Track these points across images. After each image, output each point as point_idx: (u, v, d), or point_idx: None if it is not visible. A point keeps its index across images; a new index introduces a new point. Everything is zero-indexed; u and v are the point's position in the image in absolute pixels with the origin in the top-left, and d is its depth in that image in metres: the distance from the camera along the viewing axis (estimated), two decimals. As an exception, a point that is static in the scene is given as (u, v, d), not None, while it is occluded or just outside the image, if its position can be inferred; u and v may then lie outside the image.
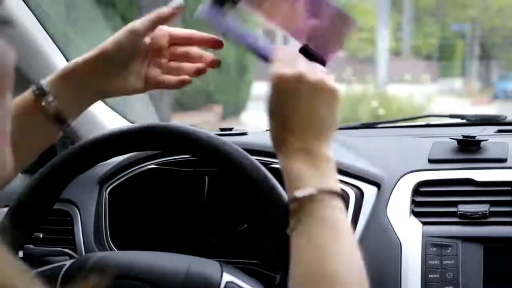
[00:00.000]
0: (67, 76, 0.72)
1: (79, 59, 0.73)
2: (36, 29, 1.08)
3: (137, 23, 0.73)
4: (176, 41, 0.77)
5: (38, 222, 0.79)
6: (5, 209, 0.79)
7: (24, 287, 0.33)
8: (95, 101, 0.77)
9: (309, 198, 0.59)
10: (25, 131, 0.69)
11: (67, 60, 1.18)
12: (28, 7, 1.06)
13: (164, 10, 0.72)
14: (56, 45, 1.14)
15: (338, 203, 0.60)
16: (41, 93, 0.70)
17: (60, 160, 0.86)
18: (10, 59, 0.37)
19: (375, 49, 11.97)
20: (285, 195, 0.81)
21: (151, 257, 0.85)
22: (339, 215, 0.59)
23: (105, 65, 0.73)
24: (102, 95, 0.79)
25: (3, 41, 0.36)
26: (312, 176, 0.60)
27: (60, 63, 1.15)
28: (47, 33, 1.12)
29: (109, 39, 0.74)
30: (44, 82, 0.71)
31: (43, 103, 0.70)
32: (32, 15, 1.07)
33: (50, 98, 0.70)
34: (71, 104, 0.73)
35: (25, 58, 1.04)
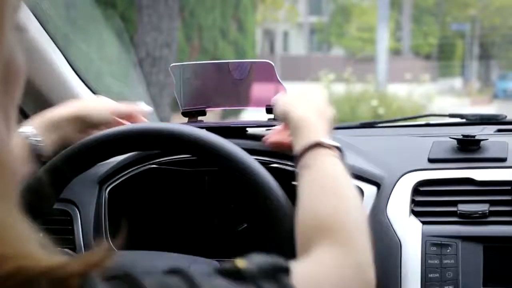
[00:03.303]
0: (49, 126, 0.93)
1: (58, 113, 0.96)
2: (39, 33, 1.09)
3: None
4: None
5: (37, 222, 0.79)
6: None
7: (41, 256, 0.34)
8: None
9: (312, 148, 0.75)
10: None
11: (68, 62, 1.18)
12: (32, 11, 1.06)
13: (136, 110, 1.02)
14: (57, 46, 1.14)
15: (337, 154, 0.75)
16: (32, 134, 0.90)
17: (60, 160, 0.86)
18: (22, 60, 0.39)
19: (374, 49, 11.96)
20: (284, 195, 0.81)
21: (151, 257, 0.85)
22: (338, 162, 0.74)
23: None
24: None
25: (17, 44, 0.38)
26: (313, 136, 0.77)
27: (60, 63, 1.15)
28: (48, 34, 1.12)
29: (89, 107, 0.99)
30: (30, 128, 0.91)
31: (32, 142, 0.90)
32: (35, 18, 1.07)
33: (39, 138, 0.91)
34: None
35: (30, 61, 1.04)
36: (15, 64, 0.38)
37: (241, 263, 0.47)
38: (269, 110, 1.04)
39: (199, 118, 1.07)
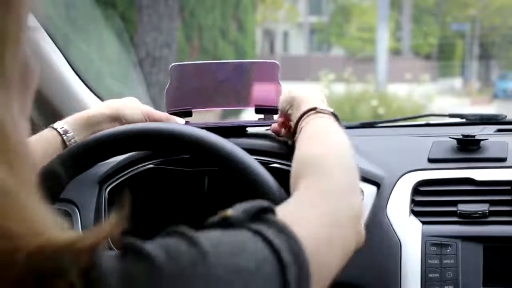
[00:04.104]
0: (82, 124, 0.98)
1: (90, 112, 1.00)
2: (39, 33, 1.09)
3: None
4: None
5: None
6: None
7: (59, 233, 0.36)
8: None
9: (310, 112, 0.81)
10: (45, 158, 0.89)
11: (69, 63, 1.18)
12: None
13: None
14: (57, 46, 1.14)
15: (332, 118, 0.80)
16: (64, 131, 0.95)
17: (60, 160, 0.86)
18: (36, 63, 0.41)
19: (375, 49, 11.97)
20: (284, 195, 0.81)
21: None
22: (332, 121, 0.79)
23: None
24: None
25: (30, 46, 0.40)
26: (312, 104, 0.83)
27: (61, 64, 1.15)
28: (48, 34, 1.12)
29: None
30: (63, 123, 0.96)
31: (65, 138, 0.95)
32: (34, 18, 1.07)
33: (70, 134, 0.95)
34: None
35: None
36: (31, 64, 0.41)
37: (227, 212, 0.50)
38: (258, 111, 1.04)
39: (186, 119, 1.06)
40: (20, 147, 0.38)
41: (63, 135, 0.94)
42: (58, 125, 0.96)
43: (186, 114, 1.06)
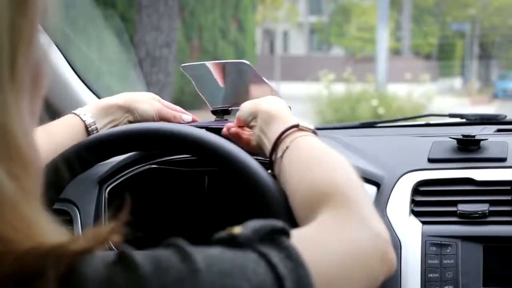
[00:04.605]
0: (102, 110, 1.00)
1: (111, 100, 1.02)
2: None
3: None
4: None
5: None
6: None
7: (51, 235, 0.37)
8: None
9: (291, 130, 0.76)
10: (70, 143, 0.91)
11: (69, 63, 1.18)
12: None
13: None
14: (57, 47, 1.14)
15: (315, 136, 0.76)
16: (86, 117, 0.97)
17: (59, 160, 0.86)
18: (47, 65, 0.42)
19: (374, 49, 11.96)
20: (284, 195, 0.81)
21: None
22: (318, 141, 0.75)
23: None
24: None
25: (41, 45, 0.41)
26: (287, 121, 0.78)
27: (61, 64, 1.15)
28: (48, 34, 1.12)
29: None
30: (85, 110, 0.99)
31: (87, 124, 0.97)
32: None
33: (92, 120, 0.98)
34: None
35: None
36: (42, 66, 0.41)
37: (235, 229, 0.46)
38: (214, 112, 1.05)
39: (225, 117, 1.05)
40: (27, 151, 0.38)
41: (86, 122, 0.97)
42: (80, 111, 0.99)
43: (225, 112, 1.06)
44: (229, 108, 1.05)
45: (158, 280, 0.39)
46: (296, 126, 0.77)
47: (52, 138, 0.90)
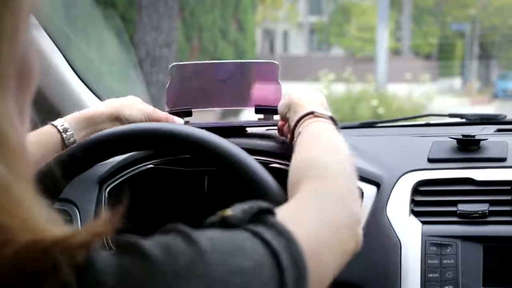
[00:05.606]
0: (83, 122, 0.97)
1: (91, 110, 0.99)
2: (39, 34, 1.09)
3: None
4: None
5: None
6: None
7: (51, 229, 0.36)
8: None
9: (307, 116, 0.81)
10: (44, 154, 0.90)
11: (69, 63, 1.18)
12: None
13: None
14: (57, 47, 1.14)
15: (329, 122, 0.81)
16: (64, 129, 0.94)
17: (59, 160, 0.86)
18: (36, 59, 0.41)
19: (374, 49, 11.96)
20: (284, 195, 0.81)
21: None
22: (329, 125, 0.79)
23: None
24: None
25: (32, 43, 0.40)
26: (309, 108, 0.83)
27: (61, 64, 1.15)
28: (48, 34, 1.12)
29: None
30: (63, 120, 0.95)
31: (64, 136, 0.94)
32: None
33: (70, 132, 0.94)
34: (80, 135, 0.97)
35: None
36: (30, 63, 0.40)
37: (226, 212, 0.49)
38: (258, 110, 1.04)
39: (186, 119, 1.06)
40: (18, 144, 0.37)
41: (63, 133, 0.94)
42: (58, 122, 0.95)
43: (186, 113, 1.06)
44: (192, 110, 1.06)
45: (171, 266, 0.39)
46: (312, 113, 0.81)
47: None
